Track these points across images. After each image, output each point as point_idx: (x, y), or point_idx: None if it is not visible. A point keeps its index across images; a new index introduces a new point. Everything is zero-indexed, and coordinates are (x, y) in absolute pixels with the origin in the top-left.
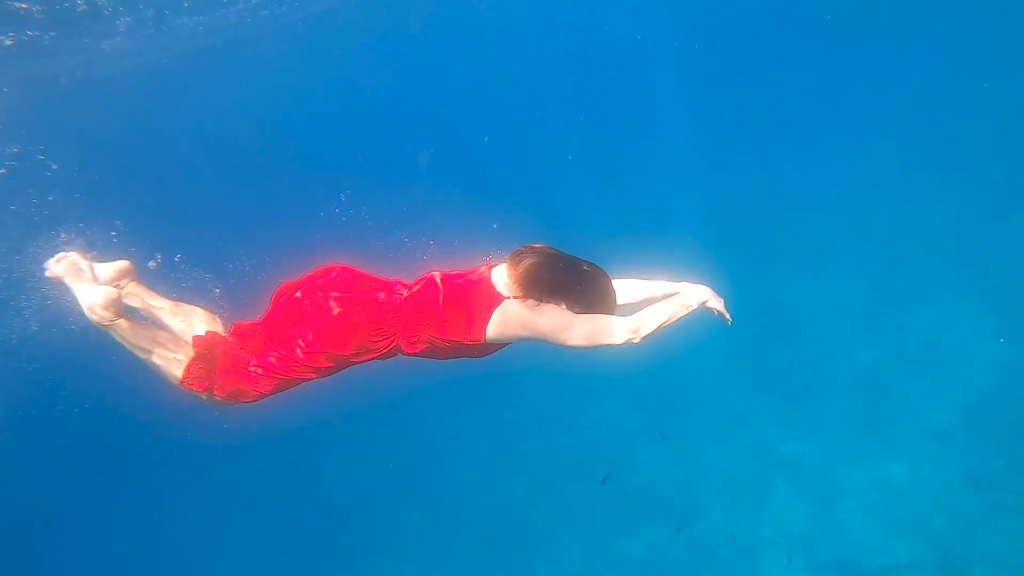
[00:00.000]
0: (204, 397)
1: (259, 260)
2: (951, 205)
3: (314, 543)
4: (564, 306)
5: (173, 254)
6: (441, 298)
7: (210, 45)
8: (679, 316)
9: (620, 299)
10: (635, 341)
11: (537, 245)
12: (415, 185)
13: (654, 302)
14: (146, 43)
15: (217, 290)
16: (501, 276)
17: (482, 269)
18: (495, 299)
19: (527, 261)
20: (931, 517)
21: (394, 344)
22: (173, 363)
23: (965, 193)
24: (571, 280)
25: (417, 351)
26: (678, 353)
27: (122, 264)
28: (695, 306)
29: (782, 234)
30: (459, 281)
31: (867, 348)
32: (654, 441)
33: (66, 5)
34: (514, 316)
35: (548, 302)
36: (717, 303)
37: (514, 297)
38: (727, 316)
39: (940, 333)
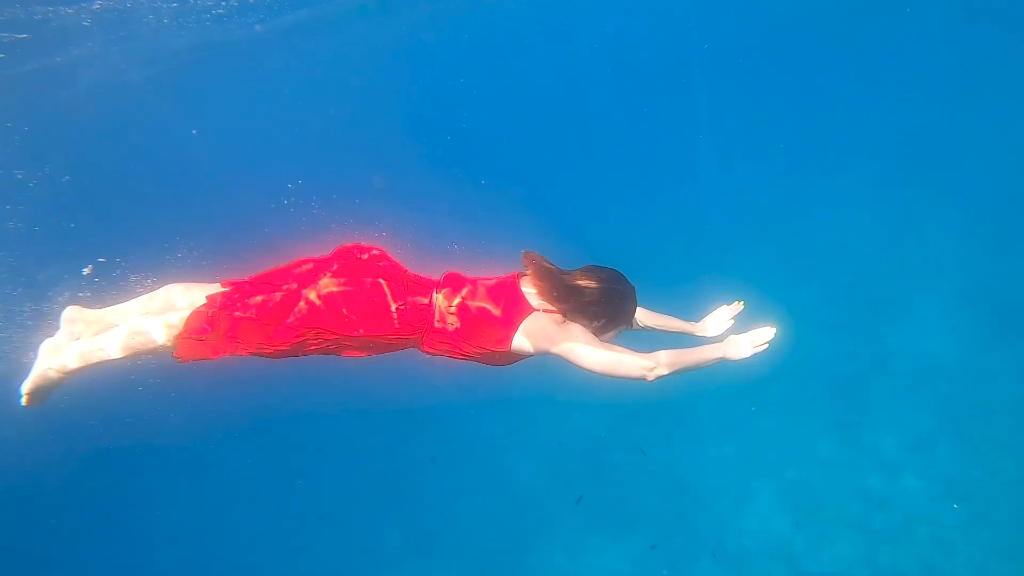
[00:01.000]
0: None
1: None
2: (929, 215)
3: (292, 562)
4: (590, 322)
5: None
6: (474, 301)
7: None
8: (699, 367)
9: (640, 320)
10: (649, 379)
11: (548, 264)
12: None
13: (667, 330)
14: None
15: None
16: (530, 287)
17: (511, 278)
18: (525, 309)
19: (556, 276)
20: (913, 528)
21: (416, 337)
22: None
23: (943, 203)
24: (597, 296)
25: (437, 350)
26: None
27: (69, 312)
28: (718, 360)
29: (761, 244)
30: (490, 286)
31: (847, 359)
32: (634, 453)
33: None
34: (541, 329)
35: (574, 319)
36: (740, 355)
37: (544, 310)
38: (760, 346)
39: (920, 344)
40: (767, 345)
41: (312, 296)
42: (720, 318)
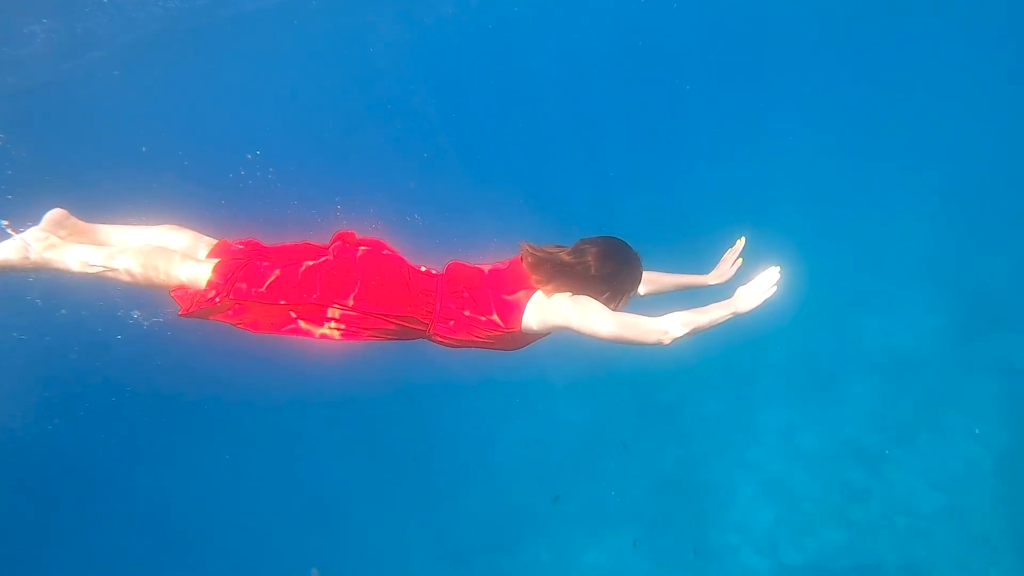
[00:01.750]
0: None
1: None
2: (906, 210)
3: (272, 559)
4: (598, 295)
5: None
6: (480, 290)
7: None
8: (718, 323)
9: (649, 285)
10: (665, 343)
11: (543, 249)
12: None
13: (679, 288)
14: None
15: None
16: (536, 265)
17: (513, 260)
18: (531, 289)
19: (558, 252)
20: (893, 519)
21: (427, 322)
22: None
23: (920, 198)
24: (598, 269)
25: (446, 336)
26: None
27: (55, 213)
28: (730, 316)
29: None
30: (494, 269)
31: (828, 354)
32: (616, 449)
33: None
34: (549, 305)
35: (582, 292)
36: (752, 304)
37: (549, 286)
38: (768, 291)
39: (899, 338)
40: (775, 287)
41: (328, 267)
42: (726, 263)
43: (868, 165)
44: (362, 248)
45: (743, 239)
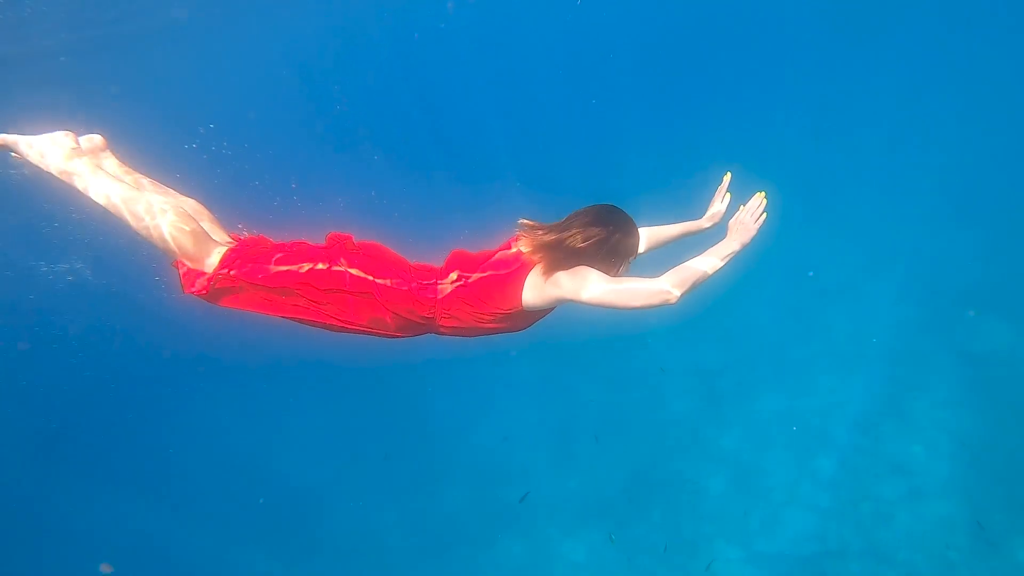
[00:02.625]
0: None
1: None
2: (872, 203)
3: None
4: (598, 265)
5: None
6: (477, 272)
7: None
8: (719, 267)
9: (648, 242)
10: (671, 301)
11: (537, 226)
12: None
13: (677, 238)
14: None
15: None
16: (527, 245)
17: (508, 242)
18: (526, 265)
19: (551, 226)
20: (858, 505)
21: (431, 318)
22: (186, 234)
23: (886, 190)
24: (592, 240)
25: (453, 325)
26: (614, 354)
27: (95, 138)
28: (737, 252)
29: (712, 236)
30: (490, 255)
31: (797, 346)
32: (589, 444)
33: None
34: (550, 281)
35: (578, 262)
36: (747, 233)
37: (544, 262)
38: (759, 217)
39: (865, 328)
40: (765, 213)
41: (336, 265)
42: (716, 201)
43: (833, 159)
44: (360, 247)
45: (729, 174)
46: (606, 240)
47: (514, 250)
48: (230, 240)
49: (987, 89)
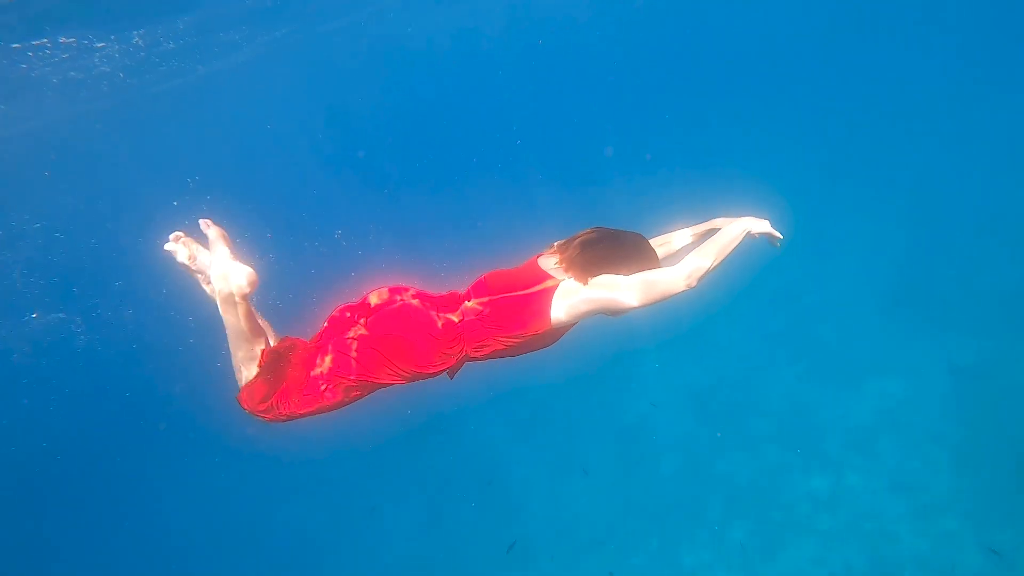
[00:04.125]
0: (261, 410)
1: None
2: (854, 216)
3: None
4: (617, 273)
5: None
6: (500, 298)
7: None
8: (730, 249)
9: (659, 254)
10: (693, 285)
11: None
12: None
13: (690, 248)
14: None
15: None
16: (549, 263)
17: (530, 261)
18: (552, 283)
19: (573, 243)
20: (860, 524)
21: (463, 354)
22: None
23: (868, 203)
24: (615, 248)
25: (486, 354)
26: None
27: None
28: (742, 234)
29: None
30: (512, 277)
31: (787, 365)
32: (579, 476)
33: None
34: (573, 294)
35: (600, 273)
36: (762, 226)
37: (569, 277)
38: (776, 235)
39: (854, 344)
40: (780, 240)
41: (366, 345)
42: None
43: (818, 168)
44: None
45: (780, 239)
46: (629, 258)
47: (533, 265)
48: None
49: (970, 100)
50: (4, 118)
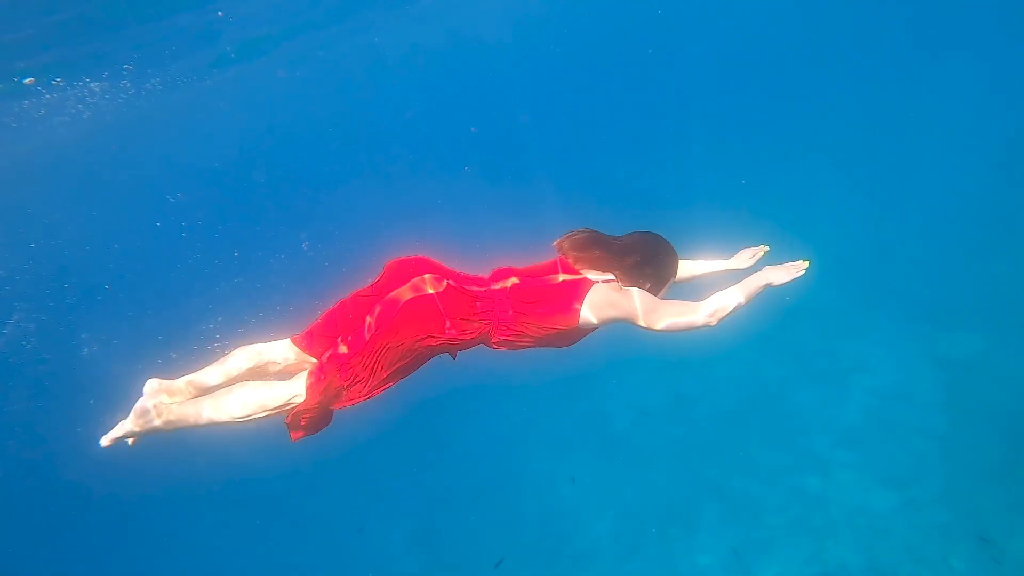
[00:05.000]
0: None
1: None
2: (836, 216)
3: None
4: (643, 284)
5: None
6: (535, 288)
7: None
8: (753, 297)
9: (683, 273)
10: (713, 324)
11: (584, 233)
12: None
13: (708, 272)
14: None
15: None
16: (586, 261)
17: (560, 259)
18: (585, 283)
19: (602, 244)
20: (853, 521)
21: (487, 332)
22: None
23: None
24: (644, 257)
25: (506, 337)
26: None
27: (152, 384)
28: (764, 287)
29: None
30: (543, 270)
31: (773, 366)
32: (568, 487)
33: None
34: (603, 298)
35: (631, 283)
36: (782, 277)
37: (602, 281)
38: (798, 273)
39: (840, 343)
40: (803, 272)
41: (400, 304)
42: (749, 255)
43: (799, 166)
44: (429, 288)
45: (766, 248)
46: (664, 259)
47: (565, 263)
48: (300, 351)
49: (953, 99)
50: None
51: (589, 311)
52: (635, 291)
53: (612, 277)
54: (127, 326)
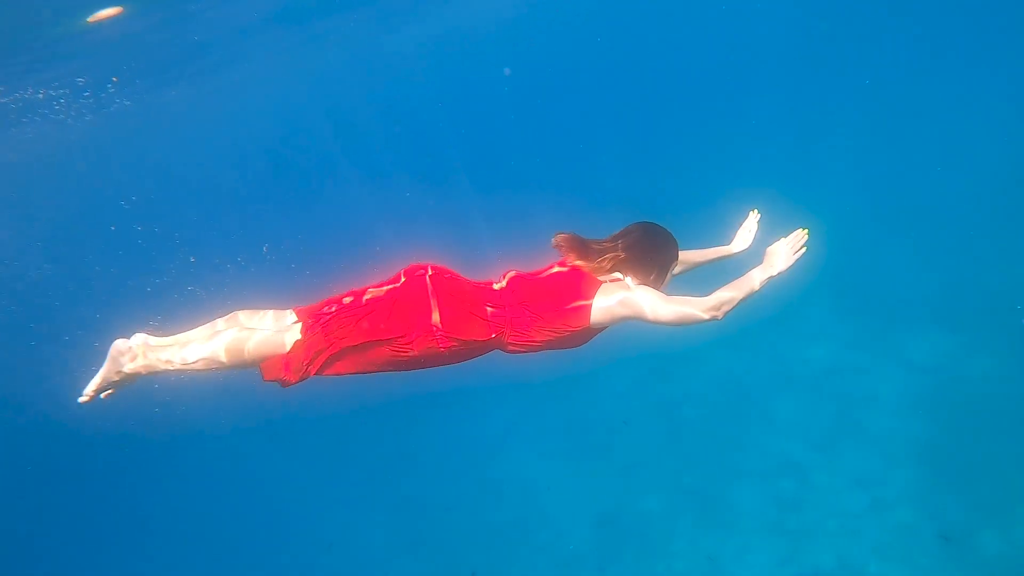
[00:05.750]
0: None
1: None
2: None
3: None
4: (647, 277)
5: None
6: (544, 291)
7: None
8: (756, 290)
9: (683, 262)
10: (719, 318)
11: (579, 237)
12: None
13: (709, 260)
14: None
15: None
16: (590, 262)
17: (566, 258)
18: (592, 283)
19: (607, 246)
20: (825, 522)
21: (500, 337)
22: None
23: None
24: (643, 250)
25: (520, 342)
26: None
27: (139, 338)
28: (767, 280)
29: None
30: (553, 274)
31: (746, 371)
32: (545, 494)
33: None
34: (612, 297)
35: (637, 278)
36: (782, 264)
37: (611, 281)
38: (799, 248)
39: (811, 348)
40: (804, 248)
41: (404, 295)
42: (745, 232)
43: (765, 177)
44: (430, 272)
45: (756, 212)
46: (664, 249)
47: (575, 268)
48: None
49: (915, 98)
50: None
51: (599, 310)
52: (642, 288)
53: (618, 275)
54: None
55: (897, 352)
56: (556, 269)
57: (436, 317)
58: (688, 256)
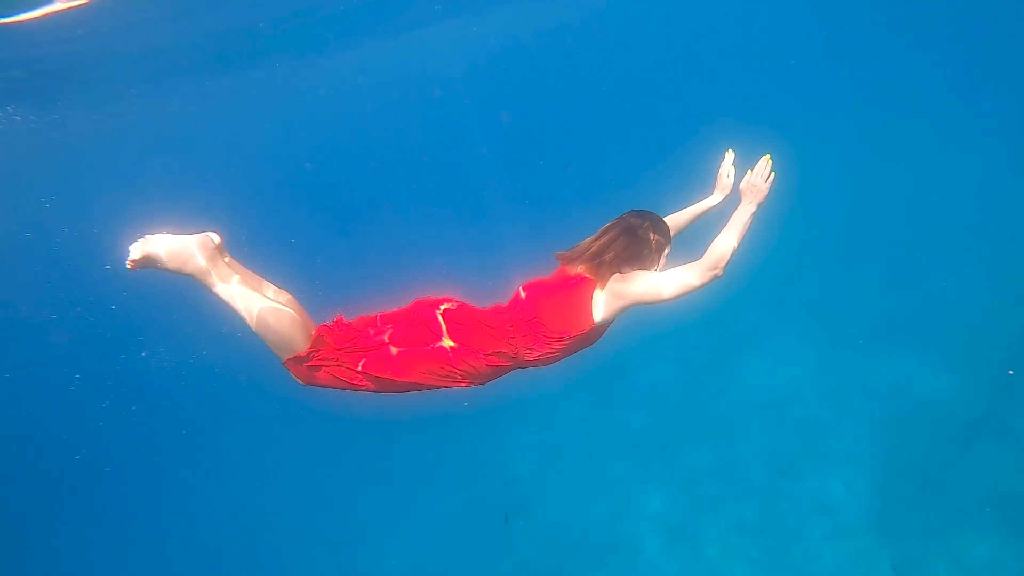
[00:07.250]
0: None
1: None
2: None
3: None
4: (642, 264)
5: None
6: (545, 304)
7: None
8: (745, 230)
9: (674, 231)
10: (719, 274)
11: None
12: None
13: (697, 218)
14: None
15: None
16: (579, 266)
17: (561, 268)
18: (588, 285)
19: (594, 246)
20: (789, 548)
21: (516, 357)
22: (295, 326)
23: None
24: (634, 242)
25: (536, 357)
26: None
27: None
28: (752, 214)
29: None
30: (550, 284)
31: (714, 399)
32: (511, 523)
33: None
34: (609, 292)
35: (630, 269)
36: (760, 193)
37: (600, 277)
38: (768, 176)
39: (775, 374)
40: (773, 173)
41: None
42: (724, 176)
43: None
44: (443, 306)
45: (731, 151)
46: (653, 233)
47: (564, 273)
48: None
49: (886, 120)
50: None
51: (600, 309)
52: (634, 273)
53: (618, 275)
54: None
55: (859, 379)
56: (553, 278)
57: (454, 366)
58: (673, 220)
